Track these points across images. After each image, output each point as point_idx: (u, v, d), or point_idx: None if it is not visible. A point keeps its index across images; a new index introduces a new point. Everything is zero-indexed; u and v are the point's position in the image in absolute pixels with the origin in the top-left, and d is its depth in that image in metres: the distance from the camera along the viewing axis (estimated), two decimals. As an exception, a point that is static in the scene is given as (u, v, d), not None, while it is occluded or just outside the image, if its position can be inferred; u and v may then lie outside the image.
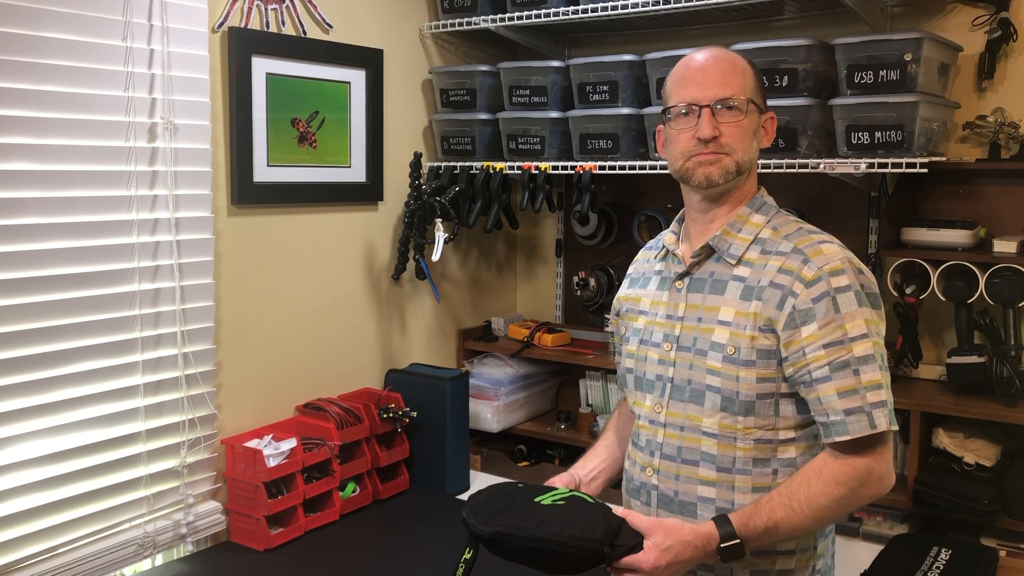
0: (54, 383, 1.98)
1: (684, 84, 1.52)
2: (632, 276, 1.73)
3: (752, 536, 1.41)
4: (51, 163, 1.94)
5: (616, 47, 3.04)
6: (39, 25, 1.90)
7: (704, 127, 1.48)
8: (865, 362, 1.40)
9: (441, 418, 2.65)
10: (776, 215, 1.56)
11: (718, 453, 1.49)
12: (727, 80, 1.50)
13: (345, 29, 2.65)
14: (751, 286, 1.48)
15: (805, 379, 1.43)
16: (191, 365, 2.22)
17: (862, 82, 2.28)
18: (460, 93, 2.93)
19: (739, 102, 1.49)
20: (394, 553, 2.23)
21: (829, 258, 1.45)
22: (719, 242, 1.53)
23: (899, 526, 2.39)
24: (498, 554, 1.44)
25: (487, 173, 2.86)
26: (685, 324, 1.54)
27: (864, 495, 1.42)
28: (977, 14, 2.46)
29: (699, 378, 1.50)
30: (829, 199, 2.70)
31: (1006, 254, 2.32)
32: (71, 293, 1.99)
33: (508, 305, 3.45)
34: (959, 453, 2.34)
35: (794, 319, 1.43)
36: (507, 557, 1.44)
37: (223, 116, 2.33)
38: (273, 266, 2.49)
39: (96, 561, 2.06)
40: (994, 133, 2.43)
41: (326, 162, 2.62)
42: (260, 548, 2.23)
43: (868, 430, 1.39)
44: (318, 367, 2.64)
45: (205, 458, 2.29)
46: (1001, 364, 2.31)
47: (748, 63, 1.55)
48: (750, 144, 1.52)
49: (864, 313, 1.43)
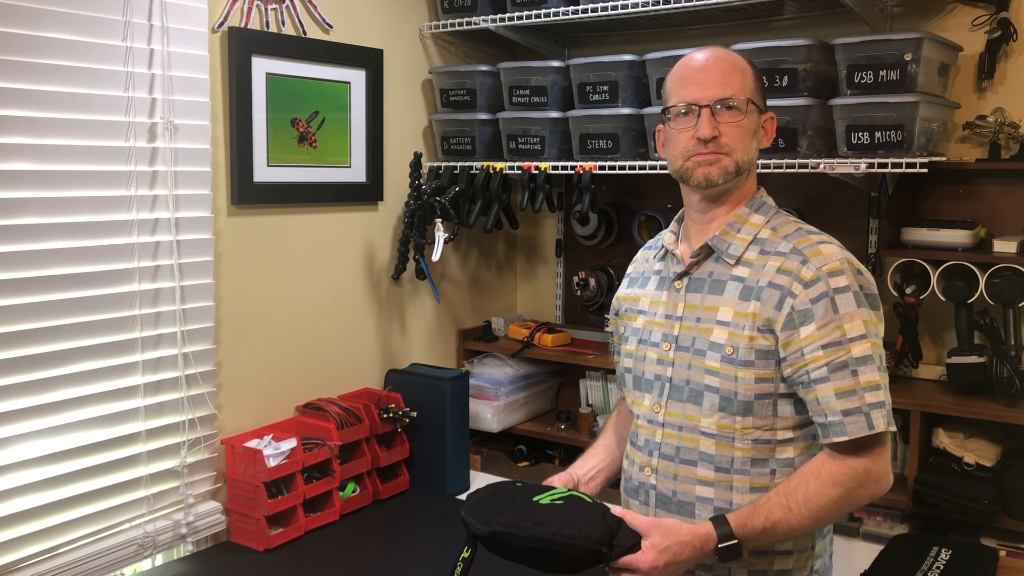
0: (54, 383, 1.98)
1: (684, 84, 1.52)
2: (631, 276, 1.73)
3: (750, 536, 1.41)
4: (51, 163, 1.95)
5: (616, 47, 3.04)
6: (39, 25, 1.91)
7: (703, 127, 1.48)
8: (863, 363, 1.40)
9: (441, 418, 2.65)
10: (775, 215, 1.56)
11: (716, 453, 1.49)
12: (727, 80, 1.50)
13: (345, 29, 2.65)
14: (750, 286, 1.48)
15: (803, 380, 1.43)
16: (191, 365, 2.22)
17: (862, 82, 2.28)
18: (460, 93, 2.93)
19: (739, 102, 1.49)
20: (394, 553, 2.23)
21: (828, 259, 1.45)
22: (718, 242, 1.53)
23: (899, 526, 2.39)
24: (496, 553, 1.44)
25: (487, 173, 2.86)
26: (684, 324, 1.54)
27: (862, 496, 1.42)
28: (977, 14, 2.46)
29: (697, 378, 1.50)
30: (829, 199, 2.70)
31: (1006, 254, 2.31)
32: (71, 293, 1.99)
33: (508, 305, 3.45)
34: (959, 453, 2.34)
35: (792, 319, 1.43)
36: (505, 556, 1.44)
37: (223, 116, 2.33)
38: (273, 266, 2.49)
39: (96, 561, 2.06)
40: (994, 133, 2.43)
41: (326, 162, 2.62)
42: (260, 548, 2.23)
43: (866, 431, 1.39)
44: (318, 367, 2.64)
45: (205, 458, 2.29)
46: (1001, 364, 2.31)
47: (748, 63, 1.55)
48: (750, 144, 1.52)
49: (863, 314, 1.42)
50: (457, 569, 1.45)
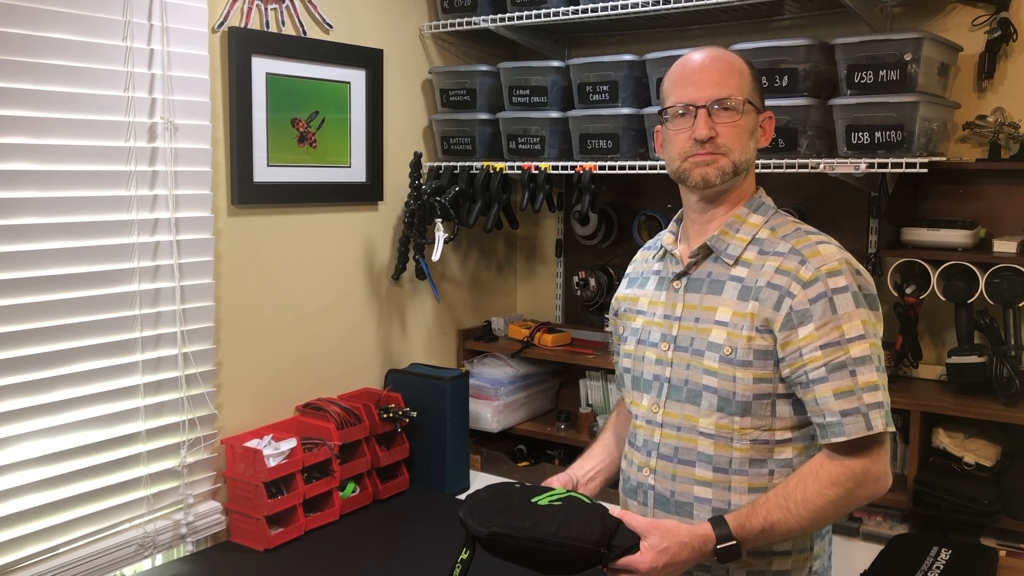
0: (54, 383, 1.98)
1: (681, 84, 1.52)
2: (631, 276, 1.73)
3: (748, 537, 1.41)
4: (51, 163, 1.95)
5: (616, 47, 3.04)
6: (39, 25, 1.91)
7: (700, 127, 1.48)
8: (862, 363, 1.40)
9: (441, 418, 2.65)
10: (774, 215, 1.56)
11: (715, 453, 1.49)
12: (723, 80, 1.49)
13: (345, 29, 2.65)
14: (748, 286, 1.48)
15: (802, 380, 1.43)
16: (191, 365, 2.22)
17: (862, 82, 2.28)
18: (460, 93, 2.93)
19: (736, 102, 1.49)
20: (394, 553, 2.23)
21: (827, 259, 1.45)
22: (717, 242, 1.53)
23: (899, 526, 2.39)
24: (495, 555, 1.44)
25: (487, 173, 2.86)
26: (682, 324, 1.54)
27: (861, 496, 1.42)
28: (977, 14, 2.46)
29: (696, 378, 1.50)
30: (829, 199, 2.70)
31: (1006, 254, 2.31)
32: (71, 293, 1.99)
33: (508, 305, 3.45)
34: (959, 453, 2.34)
35: (791, 320, 1.43)
36: (504, 557, 1.44)
37: (223, 116, 2.33)
38: (273, 266, 2.49)
39: (96, 561, 2.06)
40: (994, 133, 2.43)
41: (326, 162, 2.62)
42: (260, 548, 2.23)
43: (864, 431, 1.39)
44: (318, 367, 2.64)
45: (205, 458, 2.29)
46: (1001, 364, 2.31)
47: (745, 63, 1.55)
48: (747, 144, 1.52)
49: (861, 314, 1.42)
50: (456, 570, 1.45)
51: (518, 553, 1.42)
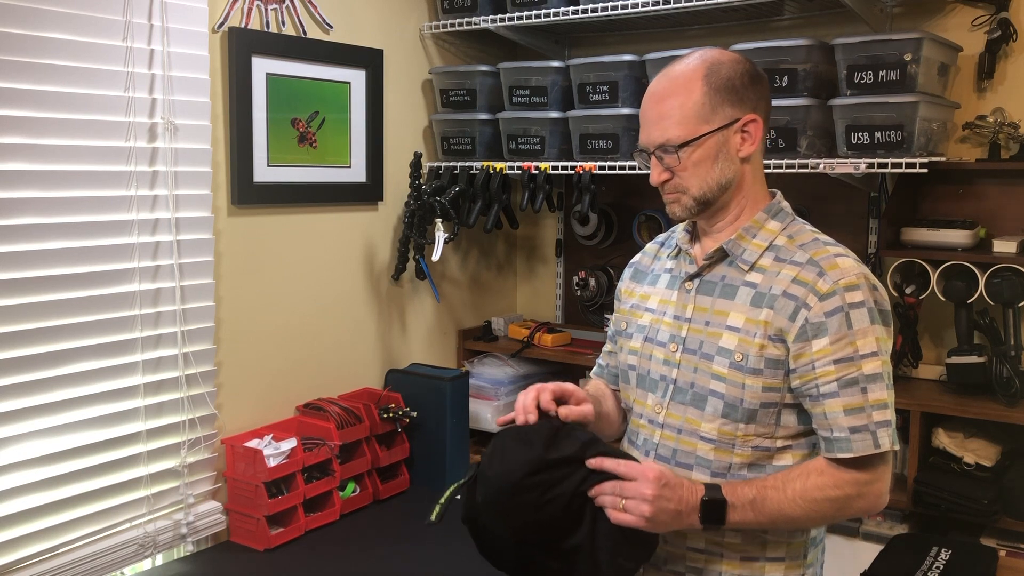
0: (54, 383, 1.98)
1: (640, 120, 1.51)
2: (637, 267, 1.71)
3: (738, 503, 1.38)
4: (51, 163, 1.95)
5: (616, 47, 3.04)
6: (39, 25, 1.91)
7: (652, 175, 1.50)
8: (873, 380, 1.39)
9: (441, 418, 2.65)
10: (792, 223, 1.52)
11: (714, 458, 1.48)
12: (661, 121, 1.45)
13: (345, 29, 2.65)
14: (762, 293, 1.46)
15: (812, 392, 1.42)
16: (191, 365, 2.22)
17: (862, 82, 2.28)
18: (460, 93, 2.93)
19: (671, 148, 1.45)
20: (394, 553, 2.23)
21: (845, 272, 1.43)
22: (733, 246, 1.51)
23: (899, 526, 2.39)
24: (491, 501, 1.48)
25: (487, 173, 2.86)
26: (692, 326, 1.52)
27: (858, 507, 1.41)
28: (977, 14, 2.46)
29: (703, 382, 1.49)
30: (829, 199, 2.70)
31: (1006, 254, 2.31)
32: (71, 293, 1.99)
33: (508, 305, 3.45)
34: (959, 453, 2.34)
35: (806, 332, 1.41)
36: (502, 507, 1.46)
37: (223, 116, 2.33)
38: (273, 266, 2.49)
39: (96, 561, 2.06)
40: (994, 133, 2.43)
41: (326, 162, 2.62)
42: (260, 548, 2.23)
43: (872, 449, 1.38)
44: (318, 367, 2.64)
45: (205, 458, 2.29)
46: (1001, 364, 2.31)
47: (702, 76, 1.44)
48: (708, 172, 1.47)
49: (876, 331, 1.41)
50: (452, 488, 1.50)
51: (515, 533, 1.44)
